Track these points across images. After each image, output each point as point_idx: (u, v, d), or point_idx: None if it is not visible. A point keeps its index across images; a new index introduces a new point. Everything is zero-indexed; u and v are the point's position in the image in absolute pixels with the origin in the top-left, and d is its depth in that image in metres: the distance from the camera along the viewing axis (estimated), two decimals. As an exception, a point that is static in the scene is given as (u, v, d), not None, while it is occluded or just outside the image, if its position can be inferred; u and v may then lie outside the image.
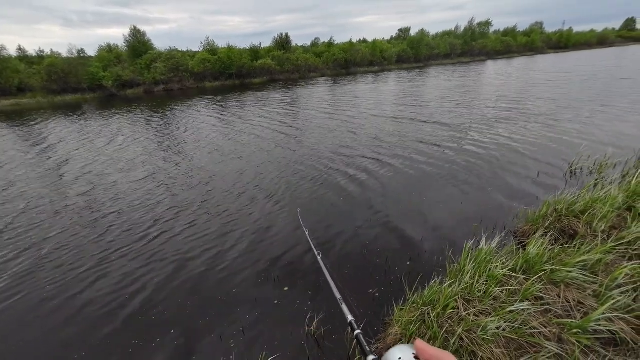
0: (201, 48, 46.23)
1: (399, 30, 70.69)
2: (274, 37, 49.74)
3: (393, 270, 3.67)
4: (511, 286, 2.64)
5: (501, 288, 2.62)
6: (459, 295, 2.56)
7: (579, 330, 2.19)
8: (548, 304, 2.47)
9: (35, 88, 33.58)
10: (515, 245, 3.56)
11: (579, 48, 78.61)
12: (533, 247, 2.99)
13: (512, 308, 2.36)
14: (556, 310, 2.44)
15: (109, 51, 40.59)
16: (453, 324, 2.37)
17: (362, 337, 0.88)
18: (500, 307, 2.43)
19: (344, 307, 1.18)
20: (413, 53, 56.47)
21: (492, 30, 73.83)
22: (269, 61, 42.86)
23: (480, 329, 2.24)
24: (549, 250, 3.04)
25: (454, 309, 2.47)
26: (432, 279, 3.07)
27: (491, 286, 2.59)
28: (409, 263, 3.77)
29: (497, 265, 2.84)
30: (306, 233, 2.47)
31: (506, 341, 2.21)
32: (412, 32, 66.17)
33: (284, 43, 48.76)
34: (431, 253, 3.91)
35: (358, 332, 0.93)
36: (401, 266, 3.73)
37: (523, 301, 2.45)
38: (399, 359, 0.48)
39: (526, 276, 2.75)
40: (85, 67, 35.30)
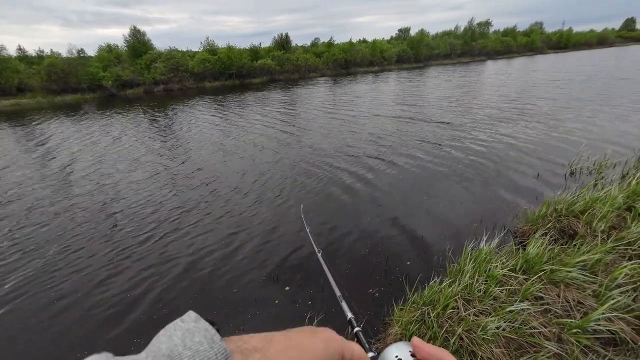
0: (201, 48, 46.27)
1: (399, 30, 70.84)
2: (274, 37, 49.81)
3: (393, 270, 3.68)
4: (511, 286, 2.65)
5: (501, 288, 2.62)
6: (459, 295, 2.57)
7: (579, 330, 2.20)
8: (548, 304, 2.48)
9: (35, 88, 33.56)
10: (515, 245, 3.57)
11: (579, 48, 78.67)
12: (533, 247, 2.99)
13: (512, 308, 2.36)
14: (556, 310, 2.44)
15: (109, 51, 40.56)
16: (453, 324, 2.37)
17: (362, 335, 0.88)
18: (500, 307, 2.44)
19: (344, 305, 1.17)
20: (413, 53, 56.47)
21: (492, 30, 74.07)
22: (269, 61, 42.86)
23: (480, 329, 2.24)
24: (549, 250, 3.04)
25: (454, 309, 2.48)
26: (432, 279, 3.07)
27: (491, 286, 2.59)
28: (409, 263, 3.77)
29: (497, 265, 2.85)
30: (307, 229, 2.46)
31: (506, 341, 2.22)
32: (412, 32, 66.35)
33: (284, 43, 48.74)
34: (431, 253, 3.92)
35: (357, 330, 0.92)
36: (401, 266, 3.74)
37: (523, 301, 2.46)
38: (396, 357, 0.49)
39: (526, 276, 2.75)
40: (85, 67, 35.29)
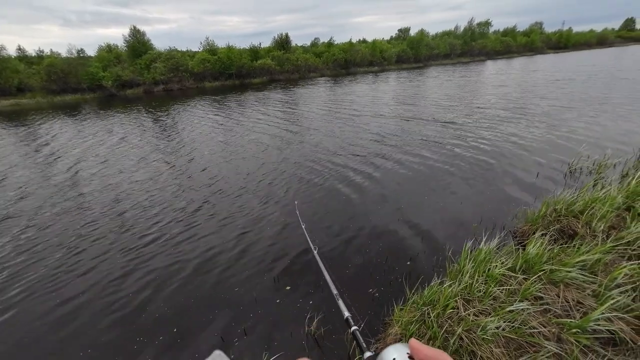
0: (201, 48, 46.19)
1: (399, 30, 70.72)
2: (274, 37, 49.70)
3: (393, 270, 3.68)
4: (511, 286, 2.65)
5: (501, 288, 2.63)
6: (459, 295, 2.57)
7: (578, 330, 2.20)
8: (547, 304, 2.48)
9: (34, 88, 33.52)
10: (514, 245, 3.56)
11: (579, 48, 78.63)
12: (532, 247, 2.99)
13: (512, 308, 2.36)
14: (555, 310, 2.44)
15: (109, 51, 40.49)
16: (453, 324, 2.37)
17: (359, 334, 0.87)
18: (499, 307, 2.44)
19: (340, 303, 1.15)
20: (413, 53, 56.41)
21: (492, 30, 73.91)
22: (269, 61, 42.81)
23: (479, 329, 2.24)
24: (549, 250, 3.04)
25: (454, 309, 2.48)
26: (432, 279, 3.08)
27: (491, 286, 2.59)
28: (409, 263, 3.78)
29: (497, 265, 2.85)
30: (303, 227, 2.46)
31: (506, 341, 2.22)
32: (412, 32, 66.22)
33: (284, 43, 48.68)
34: (431, 253, 3.92)
35: (355, 329, 0.91)
36: (401, 266, 3.74)
37: (522, 301, 2.46)
38: (394, 359, 0.49)
39: (525, 276, 2.75)
40: (84, 67, 35.24)
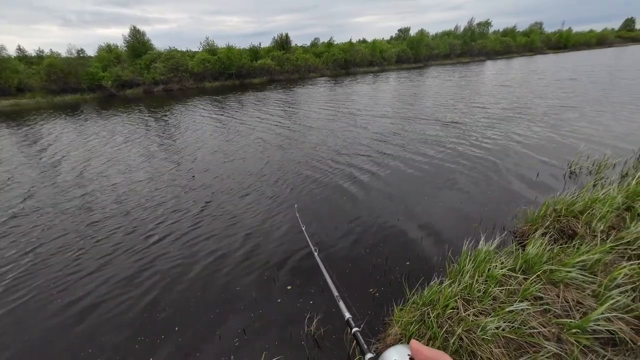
0: (201, 48, 46.14)
1: (399, 30, 70.68)
2: (274, 37, 49.68)
3: (393, 270, 3.68)
4: (510, 286, 2.65)
5: (500, 288, 2.63)
6: (459, 295, 2.57)
7: (578, 330, 2.20)
8: (547, 304, 2.48)
9: (34, 88, 33.48)
10: (514, 245, 3.56)
11: (579, 48, 78.60)
12: (532, 247, 3.00)
13: (512, 308, 2.37)
14: (555, 310, 2.44)
15: (109, 51, 40.46)
16: (453, 324, 2.37)
17: (360, 335, 0.87)
18: (499, 307, 2.44)
19: (341, 305, 1.16)
20: (412, 53, 56.39)
21: (492, 30, 73.88)
22: (269, 61, 42.79)
23: (479, 329, 2.24)
24: (548, 250, 3.05)
25: (454, 309, 2.48)
26: (432, 279, 3.08)
27: (490, 286, 2.59)
28: (409, 263, 3.78)
29: (497, 265, 2.85)
30: (302, 228, 2.47)
31: (505, 341, 2.22)
32: (412, 32, 66.20)
33: (284, 43, 48.67)
34: (431, 253, 3.92)
35: (356, 330, 0.91)
36: (401, 266, 3.74)
37: (522, 301, 2.46)
38: None
39: (525, 276, 2.75)
40: (84, 67, 35.21)
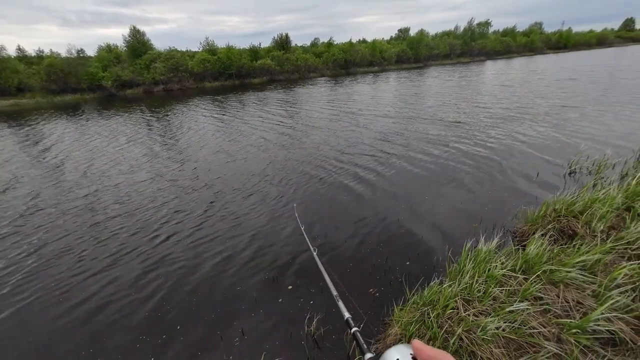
0: (200, 48, 46.13)
1: (399, 30, 70.63)
2: (274, 37, 49.65)
3: (393, 270, 3.68)
4: (510, 286, 2.65)
5: (500, 288, 2.63)
6: (459, 295, 2.57)
7: (578, 330, 2.20)
8: (547, 304, 2.48)
9: (34, 88, 33.46)
10: (514, 245, 3.57)
11: (578, 48, 78.57)
12: (532, 247, 2.99)
13: (512, 308, 2.37)
14: (555, 310, 2.44)
15: (109, 51, 40.44)
16: (453, 324, 2.37)
17: (359, 335, 0.87)
18: (499, 307, 2.44)
19: (340, 304, 1.15)
20: (412, 53, 56.36)
21: (492, 30, 73.84)
22: (269, 61, 42.77)
23: (479, 329, 2.24)
24: (548, 250, 3.04)
25: (454, 309, 2.48)
26: (432, 279, 3.08)
27: (490, 286, 2.59)
28: (409, 263, 3.78)
29: (497, 265, 2.85)
30: (302, 228, 2.48)
31: (505, 341, 2.22)
32: (412, 32, 66.16)
33: (284, 43, 48.65)
34: (431, 253, 3.93)
35: (355, 330, 0.91)
36: (401, 266, 3.74)
37: (522, 301, 2.46)
38: None
39: (525, 276, 2.75)
40: (84, 67, 35.20)
